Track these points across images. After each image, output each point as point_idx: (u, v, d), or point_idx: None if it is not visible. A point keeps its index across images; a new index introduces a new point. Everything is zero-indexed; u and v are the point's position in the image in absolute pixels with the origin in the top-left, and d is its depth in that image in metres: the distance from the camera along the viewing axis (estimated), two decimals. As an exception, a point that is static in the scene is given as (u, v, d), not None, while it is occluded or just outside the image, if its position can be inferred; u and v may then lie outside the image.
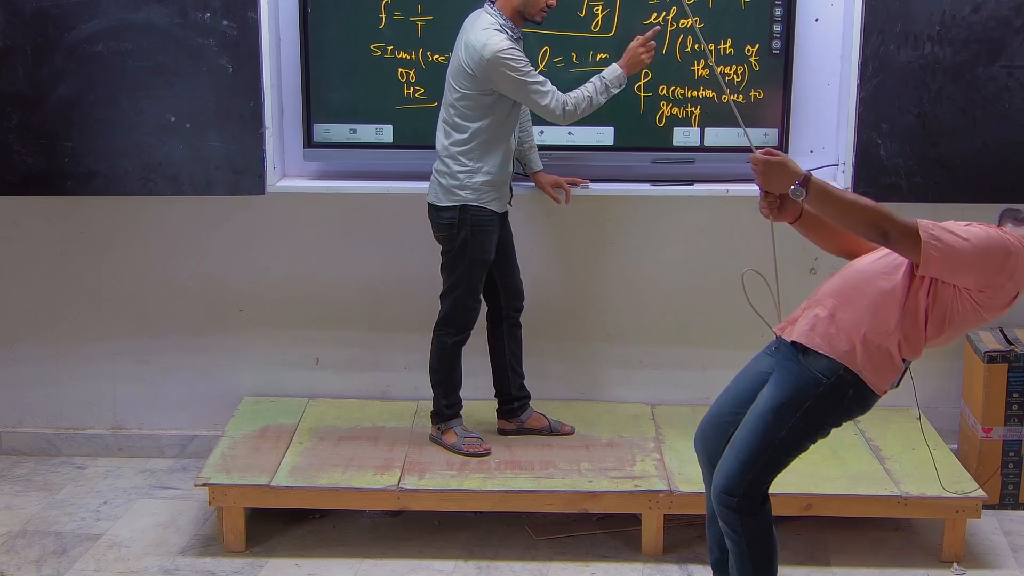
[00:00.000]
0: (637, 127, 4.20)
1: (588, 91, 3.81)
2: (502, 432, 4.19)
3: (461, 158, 3.82)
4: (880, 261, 2.91)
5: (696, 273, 4.41)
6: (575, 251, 4.42)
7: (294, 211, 4.37)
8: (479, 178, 3.83)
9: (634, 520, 3.88)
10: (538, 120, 4.17)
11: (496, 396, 4.21)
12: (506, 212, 4.01)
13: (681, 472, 3.88)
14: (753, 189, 4.21)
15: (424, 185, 4.08)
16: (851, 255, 3.06)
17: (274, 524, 3.98)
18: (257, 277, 4.48)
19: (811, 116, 4.24)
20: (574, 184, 4.15)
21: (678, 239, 4.41)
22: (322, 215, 4.41)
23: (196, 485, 3.85)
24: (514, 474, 3.89)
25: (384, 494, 3.81)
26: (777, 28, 4.10)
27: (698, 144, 4.21)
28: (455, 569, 3.76)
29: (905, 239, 2.69)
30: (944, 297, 2.81)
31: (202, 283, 4.49)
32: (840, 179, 4.18)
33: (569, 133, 4.20)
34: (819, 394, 2.86)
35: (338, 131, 4.21)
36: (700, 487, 3.79)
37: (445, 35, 4.10)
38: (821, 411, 2.89)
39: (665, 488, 3.79)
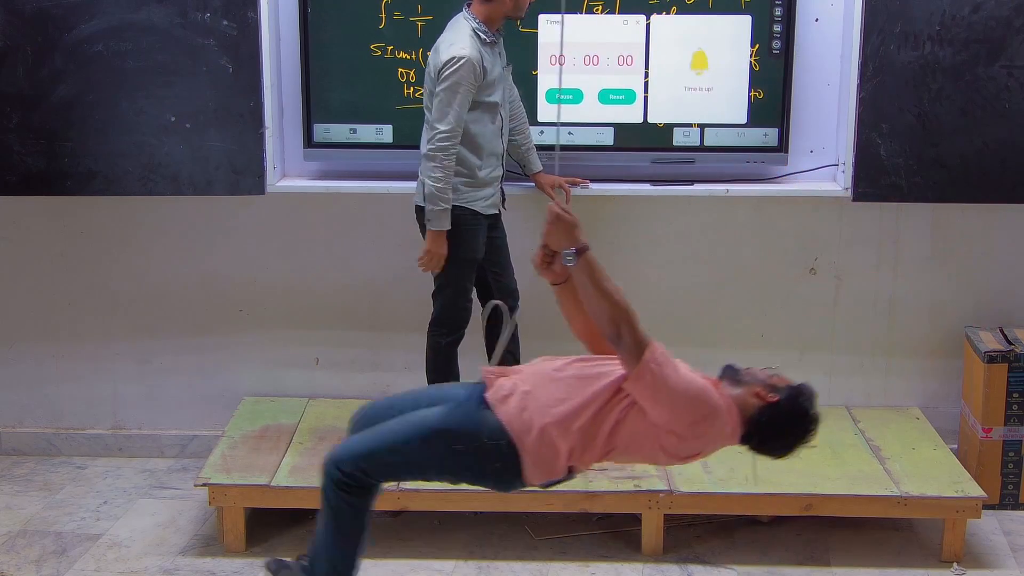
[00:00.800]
0: (637, 127, 4.20)
1: (446, 180, 3.73)
2: None
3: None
4: (598, 365, 2.88)
5: (696, 273, 4.41)
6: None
7: (294, 211, 4.37)
8: (458, 178, 3.81)
9: (634, 520, 3.88)
10: (536, 120, 4.18)
11: None
12: (497, 214, 4.00)
13: (681, 472, 3.88)
14: (752, 189, 4.26)
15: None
16: (592, 345, 3.00)
17: (274, 524, 3.98)
18: (257, 277, 4.48)
19: (811, 116, 4.24)
20: (574, 184, 4.15)
21: (678, 239, 4.41)
22: (322, 215, 4.41)
23: (196, 485, 3.85)
24: (514, 474, 3.89)
25: (384, 494, 3.79)
26: (777, 28, 4.10)
27: (698, 144, 4.21)
28: (455, 569, 3.76)
29: (633, 349, 2.68)
30: (634, 424, 2.77)
31: (202, 283, 4.49)
32: (840, 179, 4.18)
33: (569, 133, 4.20)
34: (472, 447, 2.82)
35: (338, 131, 4.21)
36: (701, 487, 3.81)
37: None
38: (464, 461, 2.85)
39: (665, 488, 3.79)
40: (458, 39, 3.72)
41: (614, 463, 2.92)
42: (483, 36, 3.75)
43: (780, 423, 2.80)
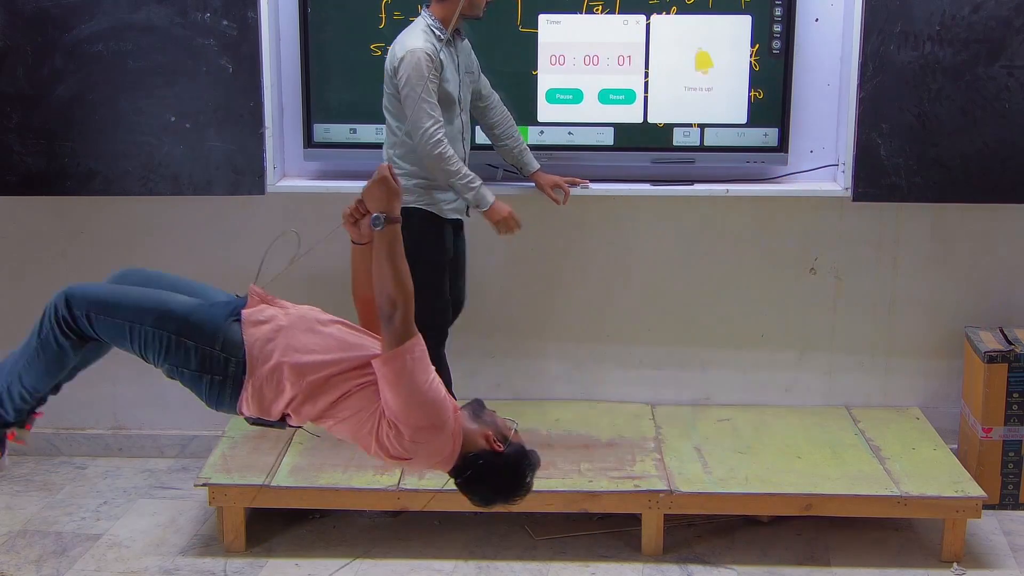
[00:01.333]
0: (637, 127, 4.20)
1: (461, 169, 3.74)
2: None
3: (398, 160, 3.82)
4: (359, 337, 2.86)
5: (696, 273, 4.41)
6: (575, 251, 4.42)
7: (294, 211, 4.37)
8: (415, 180, 3.81)
9: (634, 520, 3.88)
10: (536, 120, 4.18)
11: None
12: (459, 220, 3.98)
13: (681, 472, 3.88)
14: (752, 189, 4.26)
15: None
16: (362, 316, 2.99)
17: (274, 524, 3.98)
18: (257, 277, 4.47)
19: (811, 116, 4.23)
20: (574, 184, 4.15)
21: (678, 239, 4.41)
22: (322, 215, 4.39)
23: (196, 485, 3.85)
24: (514, 474, 3.89)
25: (384, 494, 3.81)
26: (777, 28, 4.10)
27: (698, 144, 4.21)
28: (455, 569, 3.76)
29: (398, 332, 2.66)
30: (361, 401, 2.76)
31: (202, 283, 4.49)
32: (840, 179, 4.18)
33: (569, 133, 4.20)
34: (202, 348, 2.80)
35: (338, 131, 4.21)
36: (701, 487, 3.81)
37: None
38: (186, 358, 2.81)
39: (665, 488, 3.79)
40: (409, 36, 3.73)
41: (326, 430, 2.87)
42: (437, 32, 3.74)
43: (494, 473, 2.80)
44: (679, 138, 4.21)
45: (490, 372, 4.53)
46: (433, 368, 2.75)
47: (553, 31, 4.12)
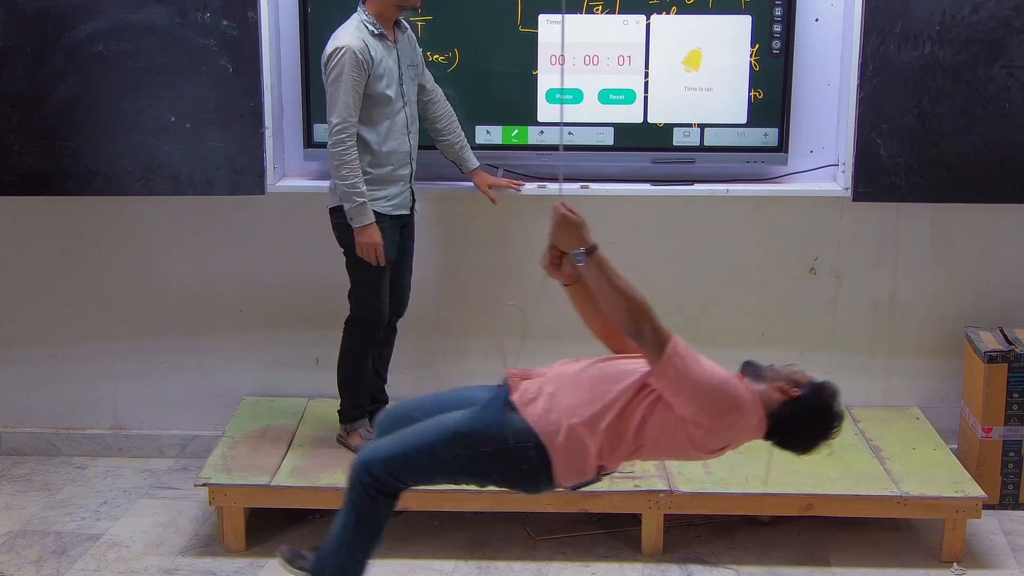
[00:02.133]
0: (637, 127, 4.20)
1: (354, 177, 3.72)
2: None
3: None
4: (620, 364, 2.89)
5: (696, 273, 4.41)
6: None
7: (294, 211, 4.37)
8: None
9: (634, 520, 3.88)
10: (536, 120, 4.18)
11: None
12: (405, 215, 3.96)
13: (681, 472, 3.88)
14: (752, 189, 4.26)
15: (423, 185, 4.09)
16: (610, 343, 3.02)
17: (274, 524, 3.98)
18: (257, 277, 4.48)
19: (811, 116, 4.24)
20: (510, 187, 4.16)
21: (678, 239, 4.41)
22: (322, 215, 4.39)
23: (196, 485, 3.85)
24: (514, 474, 3.89)
25: (384, 494, 3.80)
26: (777, 28, 4.10)
27: (698, 144, 4.21)
28: (455, 569, 3.76)
29: (655, 343, 2.68)
30: (661, 419, 2.77)
31: (202, 283, 4.49)
32: (840, 179, 4.18)
33: (569, 133, 4.20)
34: (500, 450, 2.82)
35: (338, 131, 4.21)
36: (701, 487, 3.81)
37: (445, 35, 4.11)
38: (491, 464, 2.85)
39: (665, 488, 3.79)
40: (341, 32, 3.74)
41: (643, 460, 2.90)
42: (370, 28, 3.75)
43: (803, 418, 2.79)
44: (679, 138, 4.21)
45: (490, 372, 4.52)
46: (704, 358, 2.75)
47: (553, 31, 4.12)
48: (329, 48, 3.72)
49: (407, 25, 3.91)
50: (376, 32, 3.75)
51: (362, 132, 3.78)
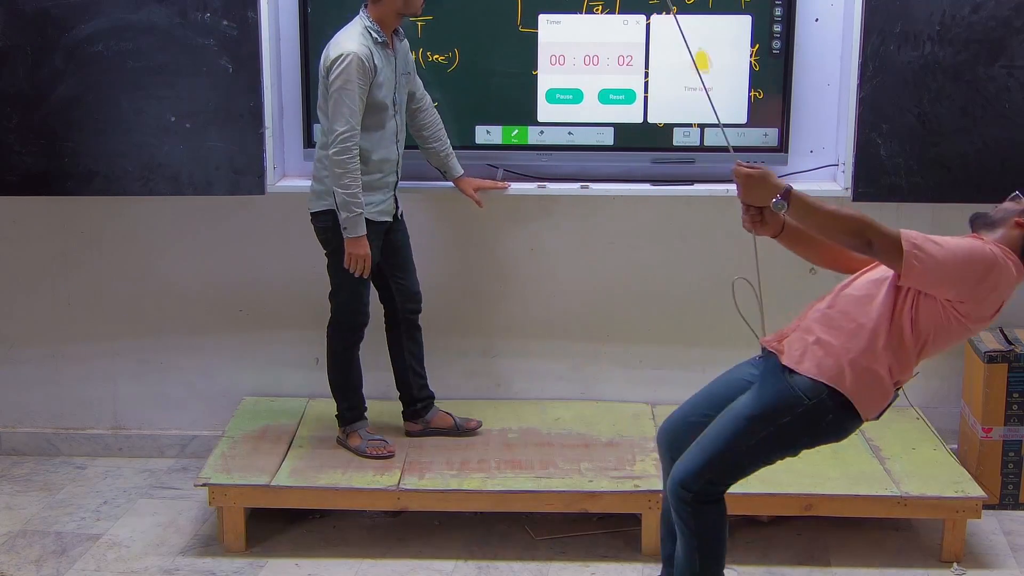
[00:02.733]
0: (637, 127, 4.20)
1: (355, 187, 3.71)
2: (409, 434, 4.18)
3: (326, 162, 3.81)
4: (863, 282, 2.92)
5: (696, 273, 4.41)
6: (575, 251, 4.42)
7: (294, 211, 4.36)
8: None
9: (634, 520, 3.88)
10: (536, 120, 4.18)
11: (400, 398, 4.20)
12: (388, 222, 3.95)
13: (681, 472, 3.88)
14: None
15: (422, 184, 4.09)
16: (840, 268, 3.07)
17: (274, 524, 3.98)
18: (257, 277, 4.48)
19: (811, 116, 4.24)
20: (496, 188, 4.16)
21: (678, 239, 4.41)
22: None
23: (196, 485, 3.85)
24: (514, 474, 3.89)
25: (384, 494, 3.81)
26: (777, 28, 4.10)
27: (698, 144, 4.21)
28: (455, 569, 3.76)
29: (888, 248, 2.70)
30: (928, 312, 2.81)
31: (202, 283, 4.49)
32: (840, 179, 4.18)
33: (569, 133, 4.20)
34: (798, 413, 2.87)
35: (338, 131, 4.21)
36: (700, 487, 3.80)
37: (445, 35, 4.11)
38: (796, 430, 2.90)
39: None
40: (345, 37, 3.73)
41: (928, 357, 2.91)
42: (374, 35, 3.75)
43: None
44: (679, 138, 4.21)
45: (490, 372, 4.53)
46: (940, 237, 2.75)
47: (553, 31, 4.12)
48: (332, 53, 3.70)
49: (403, 32, 3.91)
50: (380, 40, 3.75)
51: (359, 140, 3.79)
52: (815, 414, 2.87)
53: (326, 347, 4.06)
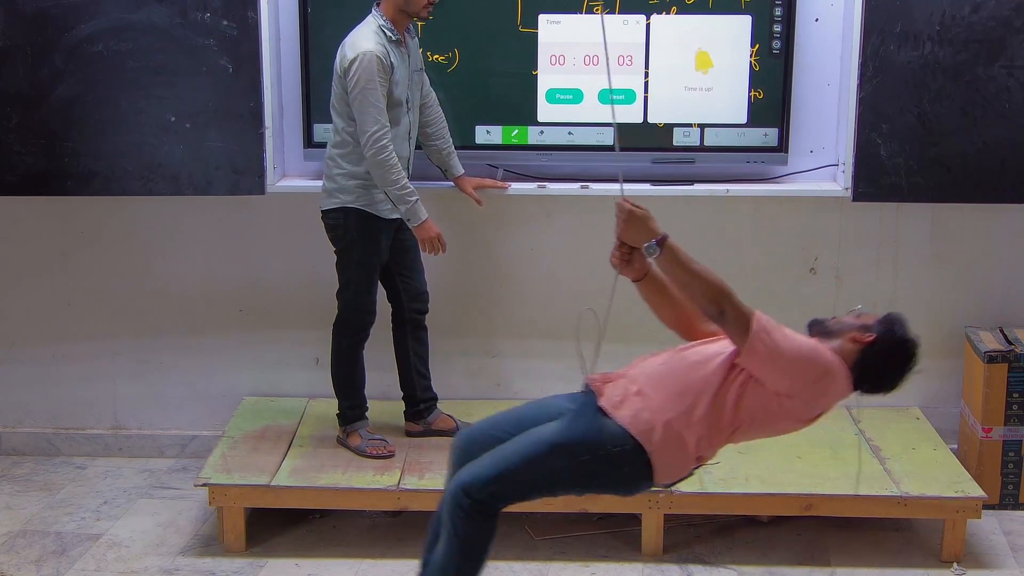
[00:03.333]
0: (637, 127, 4.20)
1: (401, 179, 3.75)
2: (409, 434, 4.18)
3: (340, 160, 3.84)
4: (701, 350, 2.88)
5: (696, 273, 4.41)
6: (575, 251, 4.42)
7: (294, 211, 4.37)
8: (355, 181, 3.84)
9: (634, 520, 3.88)
10: (536, 120, 4.18)
11: (403, 398, 4.21)
12: (399, 219, 3.94)
13: (681, 472, 3.88)
14: (752, 189, 4.26)
15: (423, 184, 4.09)
16: (683, 331, 3.01)
17: (274, 524, 3.98)
18: (257, 277, 4.48)
19: (811, 116, 4.24)
20: (495, 187, 4.16)
21: (678, 239, 4.39)
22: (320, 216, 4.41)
23: (196, 485, 3.85)
24: (514, 474, 3.89)
25: (384, 494, 3.81)
26: (777, 28, 4.10)
27: (698, 144, 4.21)
28: (455, 569, 3.76)
29: (739, 322, 2.67)
30: (753, 398, 2.77)
31: (202, 283, 4.49)
32: (840, 179, 4.18)
33: (569, 133, 4.20)
34: (600, 456, 2.80)
35: (338, 131, 4.21)
36: (701, 487, 3.80)
37: (445, 35, 4.11)
38: (592, 471, 2.83)
39: (665, 488, 3.79)
40: (361, 36, 3.73)
41: (737, 443, 2.89)
42: (388, 34, 3.75)
43: (883, 359, 2.80)
44: (679, 138, 4.21)
45: (490, 372, 4.53)
46: (786, 329, 2.74)
47: (553, 31, 4.12)
48: (350, 53, 3.70)
49: (414, 30, 3.92)
50: (394, 38, 3.76)
51: None
52: (616, 462, 2.80)
53: (331, 345, 4.06)
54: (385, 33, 3.74)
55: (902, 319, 2.85)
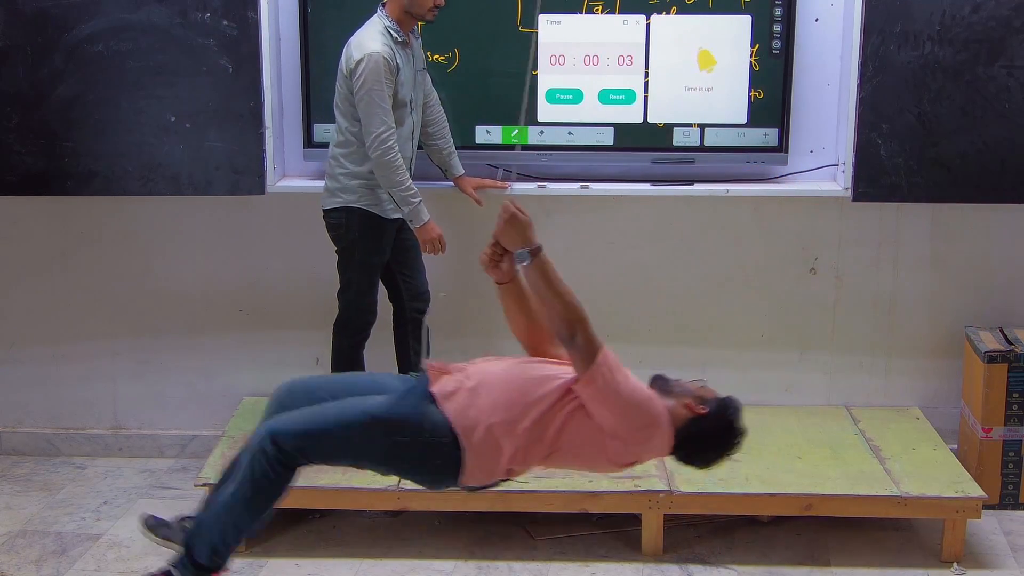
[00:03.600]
0: (637, 127, 4.20)
1: (406, 180, 3.78)
2: None
3: (343, 160, 3.85)
4: (544, 367, 2.86)
5: (696, 273, 4.41)
6: (575, 251, 4.42)
7: (294, 211, 4.37)
8: (358, 181, 3.84)
9: (634, 520, 3.88)
10: (536, 120, 4.19)
11: None
12: (400, 219, 3.96)
13: (681, 472, 3.87)
14: (752, 189, 4.26)
15: (423, 184, 4.08)
16: (530, 346, 2.99)
17: (274, 524, 3.97)
18: (257, 277, 4.48)
19: (811, 116, 4.24)
20: (495, 187, 4.17)
21: (678, 239, 4.41)
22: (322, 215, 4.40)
23: (196, 485, 3.85)
24: (514, 474, 3.89)
25: (384, 494, 3.81)
26: (777, 28, 4.10)
27: (698, 144, 4.21)
28: (455, 569, 3.76)
29: (587, 351, 2.67)
30: (579, 428, 2.76)
31: (202, 283, 4.49)
32: (840, 179, 4.18)
33: (569, 133, 4.20)
34: (417, 441, 2.78)
35: (338, 131, 4.21)
36: (701, 487, 3.81)
37: (445, 35, 4.11)
38: (403, 453, 2.81)
39: (665, 488, 3.79)
40: (367, 37, 3.74)
41: (548, 467, 2.89)
42: (394, 35, 3.76)
43: (708, 435, 2.80)
44: (679, 138, 4.21)
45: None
46: (628, 370, 2.74)
47: (553, 31, 4.13)
48: (356, 54, 3.70)
49: (417, 31, 3.92)
50: (400, 39, 3.76)
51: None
52: (429, 450, 2.78)
53: (331, 345, 4.06)
54: (391, 34, 3.75)
55: (738, 407, 2.84)
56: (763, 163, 4.23)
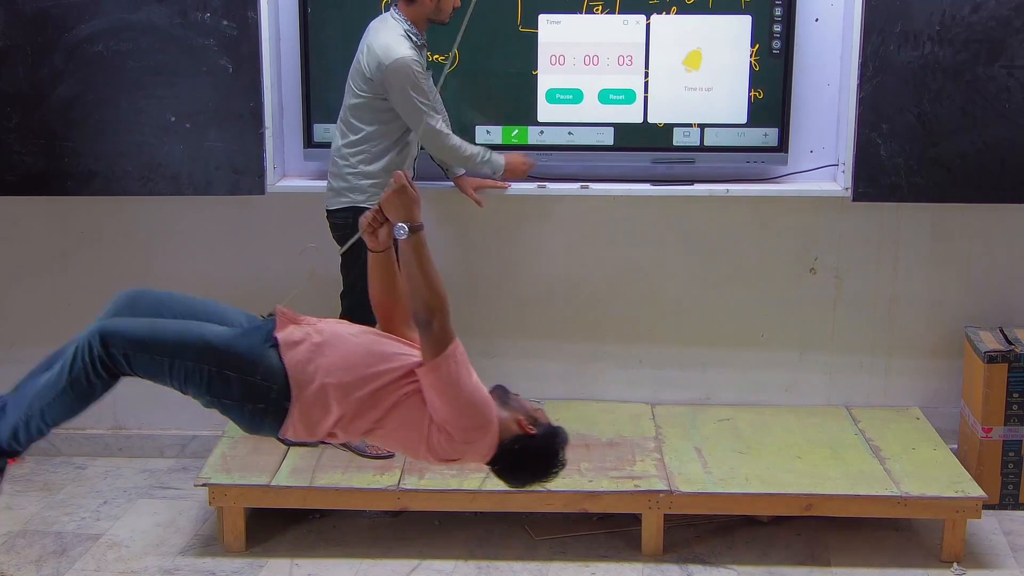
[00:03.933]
0: (637, 127, 4.20)
1: (473, 150, 3.89)
2: None
3: (351, 159, 3.85)
4: (395, 344, 2.86)
5: (696, 273, 4.41)
6: (575, 251, 4.43)
7: (294, 211, 4.37)
8: (367, 180, 3.85)
9: (634, 520, 3.88)
10: (536, 120, 4.18)
11: None
12: None
13: (681, 472, 3.88)
14: (752, 189, 4.26)
15: (422, 184, 4.08)
16: (384, 319, 2.98)
17: (274, 524, 3.98)
18: (257, 277, 4.48)
19: (811, 116, 4.24)
20: (495, 187, 4.17)
21: (678, 239, 4.41)
22: (322, 215, 4.40)
23: (196, 485, 3.86)
24: (514, 474, 3.89)
25: (384, 494, 3.81)
26: (777, 28, 4.10)
27: (698, 144, 4.21)
28: (455, 569, 3.76)
29: (439, 340, 2.68)
30: (411, 410, 2.76)
31: (202, 283, 4.48)
32: (840, 179, 4.18)
33: (569, 133, 4.20)
34: (246, 381, 2.75)
35: (338, 131, 4.21)
36: (701, 487, 3.81)
37: (445, 35, 4.09)
38: (228, 388, 2.76)
39: (665, 488, 3.79)
40: (393, 41, 3.75)
41: (369, 441, 2.90)
42: (414, 39, 3.78)
43: (529, 456, 2.82)
44: (679, 138, 4.21)
45: (490, 372, 4.51)
46: (476, 377, 2.76)
47: (553, 31, 4.12)
48: (385, 59, 3.71)
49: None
50: (419, 43, 3.79)
51: (391, 140, 3.84)
52: (256, 393, 2.75)
53: None
54: (411, 39, 3.76)
55: (566, 439, 2.87)
56: (763, 163, 4.23)
